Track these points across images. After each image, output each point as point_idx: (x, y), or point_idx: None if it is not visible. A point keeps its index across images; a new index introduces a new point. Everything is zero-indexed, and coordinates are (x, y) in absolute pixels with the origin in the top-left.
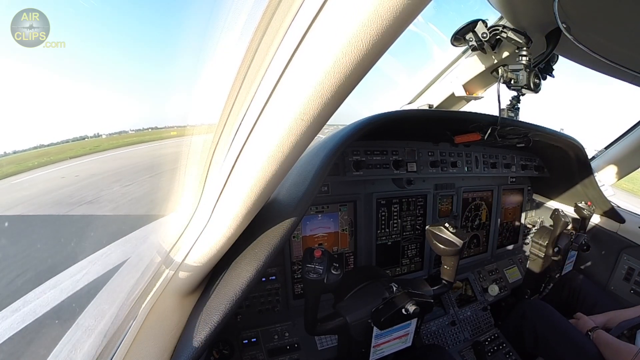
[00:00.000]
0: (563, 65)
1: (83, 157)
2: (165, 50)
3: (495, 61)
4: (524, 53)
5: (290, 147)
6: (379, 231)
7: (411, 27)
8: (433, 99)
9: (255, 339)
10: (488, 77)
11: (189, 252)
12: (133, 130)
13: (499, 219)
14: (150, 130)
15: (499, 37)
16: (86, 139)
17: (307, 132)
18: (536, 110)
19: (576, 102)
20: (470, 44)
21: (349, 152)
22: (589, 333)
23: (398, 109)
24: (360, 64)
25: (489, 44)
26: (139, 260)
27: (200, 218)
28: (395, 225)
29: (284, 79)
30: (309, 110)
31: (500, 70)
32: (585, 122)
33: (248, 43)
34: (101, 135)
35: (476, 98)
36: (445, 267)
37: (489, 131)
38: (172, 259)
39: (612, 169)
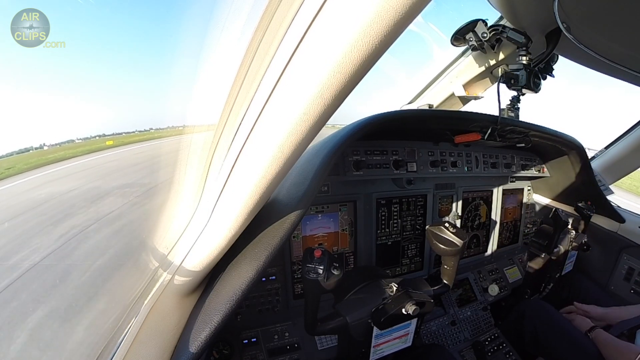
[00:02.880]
0: (558, 68)
1: None
2: (164, 50)
3: (495, 61)
4: (524, 53)
5: (292, 147)
6: (379, 231)
7: (411, 26)
8: (433, 99)
9: (255, 339)
10: (488, 77)
11: (188, 253)
12: (80, 139)
13: (499, 219)
14: (97, 138)
15: (499, 37)
16: (31, 151)
17: (309, 132)
18: (535, 110)
19: (570, 105)
20: (470, 43)
21: (349, 152)
22: (588, 333)
23: (398, 108)
24: (363, 64)
25: (489, 44)
26: None
27: (199, 220)
28: (395, 225)
29: (286, 79)
30: (311, 111)
31: (500, 70)
32: (579, 125)
33: (248, 43)
34: (44, 146)
35: (476, 98)
36: (446, 267)
37: (489, 131)
38: (171, 261)
39: (612, 169)
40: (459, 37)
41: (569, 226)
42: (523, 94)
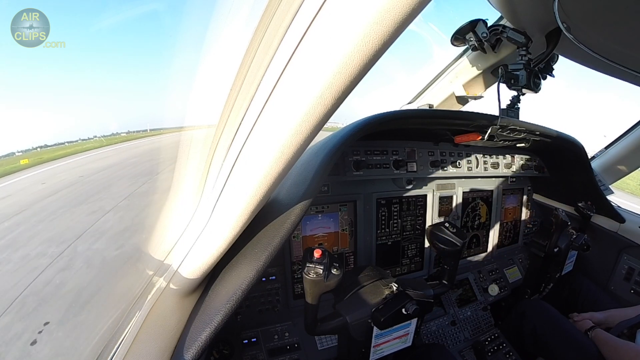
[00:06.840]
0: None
1: None
2: (163, 50)
3: (495, 61)
4: (524, 53)
5: (293, 147)
6: (379, 231)
7: (411, 26)
8: (433, 98)
9: (255, 339)
10: (488, 77)
11: (187, 254)
12: (20, 152)
13: (499, 219)
14: (40, 148)
15: (499, 37)
16: None
17: (310, 132)
18: (535, 110)
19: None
20: (470, 43)
21: (349, 152)
22: (588, 333)
23: (398, 108)
24: (364, 63)
25: (489, 44)
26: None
27: (198, 222)
28: (395, 225)
29: (286, 79)
30: (312, 111)
31: (500, 70)
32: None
33: (248, 43)
34: None
35: (476, 98)
36: (446, 267)
37: (489, 131)
38: (171, 263)
39: (612, 169)
40: (459, 37)
41: (569, 226)
42: (523, 94)
